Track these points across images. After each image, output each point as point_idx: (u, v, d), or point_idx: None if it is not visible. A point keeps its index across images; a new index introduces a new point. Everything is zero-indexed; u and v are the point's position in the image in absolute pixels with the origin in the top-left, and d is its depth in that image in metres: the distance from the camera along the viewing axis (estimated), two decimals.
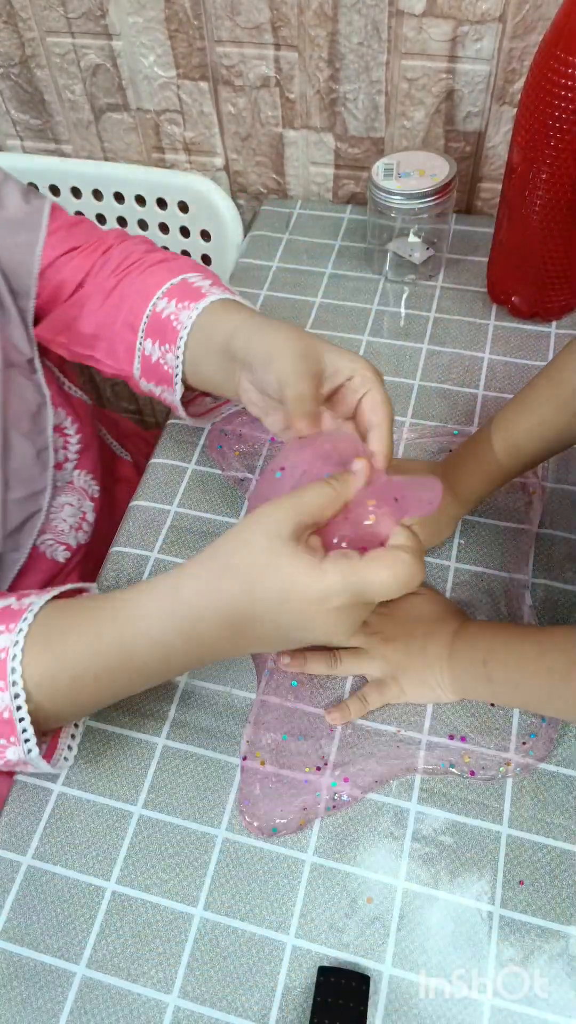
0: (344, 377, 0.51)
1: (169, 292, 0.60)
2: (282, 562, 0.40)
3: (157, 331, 0.60)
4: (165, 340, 0.60)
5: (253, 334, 0.53)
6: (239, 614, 0.41)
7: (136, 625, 0.45)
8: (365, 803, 0.52)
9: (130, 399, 1.28)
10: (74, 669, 0.45)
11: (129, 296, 0.62)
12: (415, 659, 0.55)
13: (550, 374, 0.57)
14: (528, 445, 0.58)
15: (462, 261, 0.84)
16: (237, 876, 0.50)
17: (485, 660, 0.52)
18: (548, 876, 0.49)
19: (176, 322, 0.59)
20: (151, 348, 0.61)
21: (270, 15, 0.79)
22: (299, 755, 0.54)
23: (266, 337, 0.52)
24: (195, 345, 0.58)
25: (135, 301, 0.62)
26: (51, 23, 0.86)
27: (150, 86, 0.89)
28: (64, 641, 0.45)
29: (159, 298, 0.60)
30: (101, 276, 0.64)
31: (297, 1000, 0.46)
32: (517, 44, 0.75)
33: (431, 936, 0.48)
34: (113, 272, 0.64)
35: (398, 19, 0.76)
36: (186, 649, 0.44)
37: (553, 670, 0.48)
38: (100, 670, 0.45)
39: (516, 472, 0.60)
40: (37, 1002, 0.47)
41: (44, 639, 0.45)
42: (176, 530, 0.66)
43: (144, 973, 0.48)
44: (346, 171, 0.91)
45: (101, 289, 0.64)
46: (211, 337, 0.57)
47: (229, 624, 0.42)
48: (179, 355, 0.59)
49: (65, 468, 0.70)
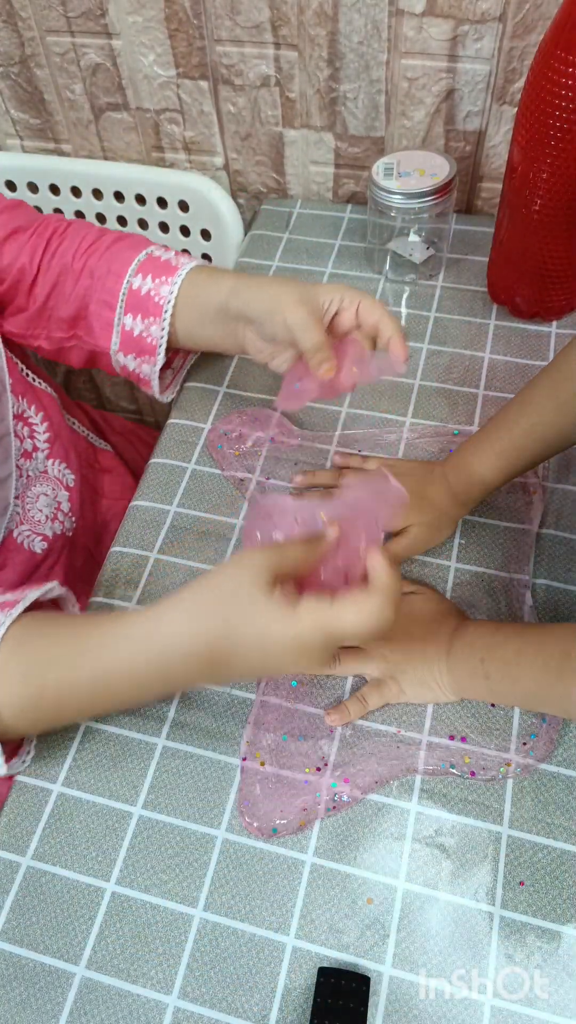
0: (336, 305, 0.58)
1: (141, 268, 0.65)
2: (258, 608, 0.43)
3: (138, 306, 0.65)
4: (148, 314, 0.65)
5: (250, 292, 0.60)
6: (217, 653, 0.44)
7: (113, 663, 0.47)
8: (365, 804, 0.52)
9: (130, 399, 1.28)
10: (45, 697, 0.48)
11: (100, 275, 0.65)
12: (414, 659, 0.55)
13: (550, 374, 0.57)
14: (528, 446, 0.58)
15: (462, 261, 0.84)
16: (237, 877, 0.50)
17: (482, 659, 0.52)
18: (548, 877, 0.49)
19: (158, 297, 0.64)
20: (132, 323, 0.66)
21: (270, 14, 0.79)
22: (299, 756, 0.54)
23: (264, 292, 0.59)
24: (185, 314, 0.65)
25: (107, 280, 0.65)
26: (51, 22, 0.86)
27: (150, 85, 0.89)
28: (42, 673, 0.48)
29: (132, 275, 0.65)
30: (66, 258, 0.66)
31: (297, 1001, 0.46)
32: (517, 44, 0.75)
33: (431, 937, 0.48)
34: (76, 254, 0.66)
35: (398, 18, 0.76)
36: (161, 687, 0.49)
37: (548, 666, 0.49)
38: (73, 699, 0.48)
39: (516, 473, 0.60)
40: (37, 1003, 0.47)
41: (22, 667, 0.48)
42: (176, 530, 0.66)
43: (144, 974, 0.48)
44: (346, 170, 0.91)
45: (70, 271, 0.66)
46: (204, 304, 0.63)
47: (208, 662, 0.45)
48: (164, 327, 0.65)
49: (36, 458, 0.69)
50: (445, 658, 0.55)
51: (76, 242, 0.67)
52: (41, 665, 0.48)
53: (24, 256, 0.66)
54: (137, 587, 0.63)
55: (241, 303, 0.61)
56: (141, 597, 0.62)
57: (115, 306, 0.65)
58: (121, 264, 0.66)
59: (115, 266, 0.66)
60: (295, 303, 0.57)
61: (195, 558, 0.64)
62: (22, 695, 0.48)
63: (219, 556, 0.64)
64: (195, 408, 0.74)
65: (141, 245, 0.67)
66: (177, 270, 0.65)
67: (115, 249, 0.67)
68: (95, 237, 0.68)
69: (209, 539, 0.65)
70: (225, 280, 0.63)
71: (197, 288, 0.64)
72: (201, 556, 0.64)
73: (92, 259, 0.66)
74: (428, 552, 0.63)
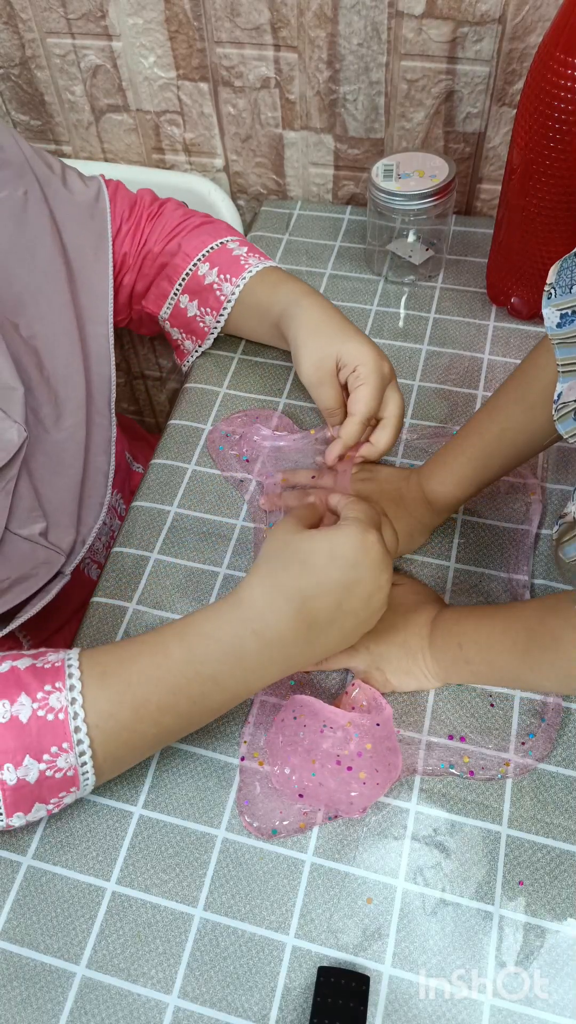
0: (351, 368, 0.61)
1: (211, 257, 0.71)
2: (316, 536, 0.48)
3: (197, 292, 0.72)
4: (205, 303, 0.72)
5: (289, 323, 0.65)
6: (302, 593, 0.46)
7: (204, 630, 0.47)
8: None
9: (131, 399, 1.29)
10: (135, 697, 0.46)
11: (171, 253, 0.72)
12: (397, 649, 0.56)
13: (518, 379, 0.57)
14: (499, 451, 0.58)
15: (462, 262, 0.84)
16: (237, 876, 0.50)
17: (460, 643, 0.53)
18: (548, 876, 0.49)
19: (219, 292, 0.70)
20: (187, 303, 0.73)
21: (270, 16, 0.79)
22: None
23: (296, 332, 0.64)
24: (241, 312, 0.71)
25: (176, 257, 0.71)
26: (51, 24, 0.86)
27: (150, 87, 0.89)
28: (126, 668, 0.47)
29: (201, 260, 0.71)
30: (150, 244, 0.73)
31: (297, 1000, 0.46)
32: (516, 45, 0.75)
33: (431, 936, 0.48)
34: (159, 239, 0.72)
35: (398, 20, 0.76)
36: (259, 648, 0.47)
37: (517, 645, 0.50)
38: (165, 692, 0.46)
39: (489, 479, 0.60)
40: (37, 1002, 0.47)
41: (100, 678, 0.46)
42: (176, 531, 0.66)
43: (144, 973, 0.48)
44: (346, 172, 0.91)
45: (151, 255, 0.73)
46: (261, 314, 0.69)
47: (297, 609, 0.46)
48: (220, 321, 0.72)
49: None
50: (427, 646, 0.55)
51: (161, 226, 0.73)
52: (125, 662, 0.47)
53: (127, 244, 0.72)
54: (137, 587, 0.63)
55: (283, 328, 0.66)
56: (141, 597, 0.63)
57: (175, 281, 0.72)
58: (194, 248, 0.71)
59: (188, 248, 0.71)
60: (310, 366, 0.62)
61: (195, 559, 0.64)
62: (110, 704, 0.46)
63: (219, 556, 0.64)
64: (195, 409, 0.74)
65: (220, 233, 0.72)
66: (244, 270, 0.69)
67: (195, 233, 0.72)
68: (179, 220, 0.73)
69: (209, 540, 0.65)
70: (282, 294, 0.67)
71: (257, 297, 0.69)
72: (201, 556, 0.64)
73: (172, 243, 0.72)
74: (428, 552, 0.63)
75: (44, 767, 0.44)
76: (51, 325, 0.63)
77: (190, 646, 0.47)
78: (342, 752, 0.51)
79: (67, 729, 0.44)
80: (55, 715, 0.44)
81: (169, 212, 0.74)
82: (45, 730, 0.44)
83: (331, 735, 0.52)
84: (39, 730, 0.44)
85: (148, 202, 0.74)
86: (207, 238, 0.71)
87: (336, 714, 0.53)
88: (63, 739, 0.44)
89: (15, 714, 0.44)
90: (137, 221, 0.73)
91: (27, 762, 0.44)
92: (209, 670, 0.47)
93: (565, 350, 0.48)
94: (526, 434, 0.56)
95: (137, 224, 0.73)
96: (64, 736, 0.44)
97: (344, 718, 0.53)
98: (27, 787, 0.44)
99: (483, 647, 0.52)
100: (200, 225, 0.73)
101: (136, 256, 0.73)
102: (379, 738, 0.52)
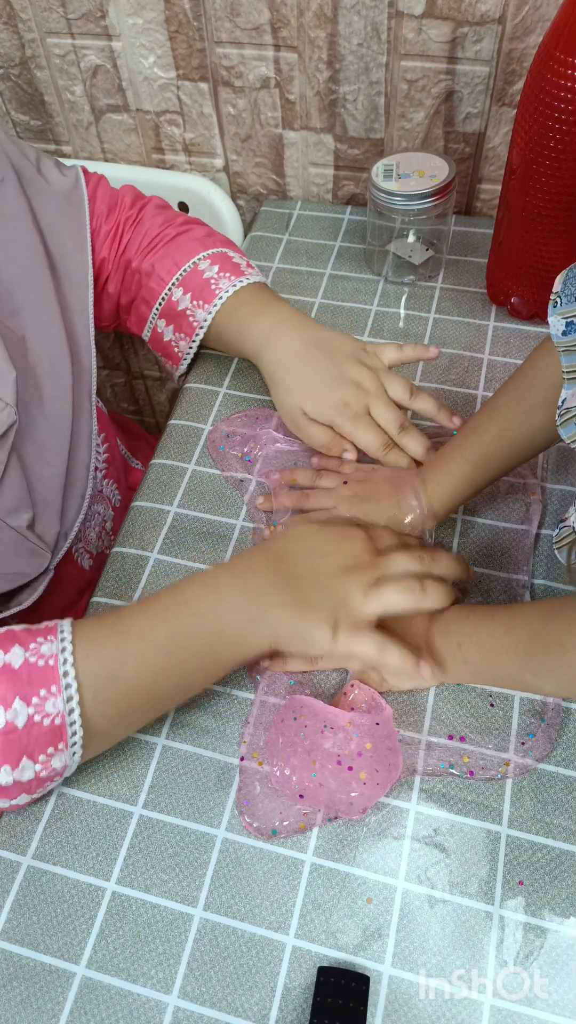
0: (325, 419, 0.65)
1: (183, 282, 0.69)
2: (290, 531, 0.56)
3: (172, 318, 0.71)
4: (180, 329, 0.71)
5: (262, 370, 0.68)
6: (273, 545, 0.55)
7: (185, 580, 0.53)
8: None
9: (130, 399, 1.29)
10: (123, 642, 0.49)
11: (146, 273, 0.71)
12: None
13: (517, 380, 0.57)
14: (499, 451, 0.58)
15: (462, 262, 0.84)
16: (237, 876, 0.50)
17: (459, 643, 0.53)
18: (548, 876, 0.49)
19: (192, 319, 0.70)
20: (163, 328, 0.72)
21: (270, 16, 0.79)
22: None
23: (268, 383, 0.68)
24: (217, 336, 0.70)
25: (151, 281, 0.70)
26: (51, 24, 0.86)
27: (150, 87, 0.89)
28: (115, 622, 0.50)
29: (174, 286, 0.70)
30: (130, 255, 0.72)
31: (297, 1000, 0.46)
32: (516, 45, 0.75)
33: (431, 936, 0.48)
34: (137, 251, 0.71)
35: (398, 20, 0.76)
36: (231, 580, 0.52)
37: (519, 647, 0.50)
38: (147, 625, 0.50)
39: (488, 480, 0.60)
40: (37, 1002, 0.47)
41: (89, 628, 0.50)
42: (176, 530, 0.66)
43: (144, 973, 0.48)
44: (346, 172, 0.91)
45: (130, 270, 0.72)
46: (236, 342, 0.69)
47: (264, 549, 0.55)
48: (193, 347, 0.72)
49: (96, 477, 0.70)
50: (424, 645, 0.55)
51: (140, 236, 0.71)
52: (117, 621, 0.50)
53: (105, 249, 0.72)
54: (137, 587, 0.63)
55: (263, 367, 0.68)
56: (141, 597, 0.63)
57: (152, 306, 0.71)
58: (167, 271, 0.70)
59: (161, 270, 0.70)
60: (288, 420, 0.66)
61: (195, 558, 0.64)
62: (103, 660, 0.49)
63: (219, 557, 0.64)
64: (195, 409, 0.74)
65: (195, 248, 0.70)
66: (215, 296, 0.68)
67: (170, 247, 0.71)
68: (158, 229, 0.71)
69: (209, 540, 0.65)
70: (251, 337, 0.67)
71: (229, 332, 0.69)
72: (201, 556, 0.64)
73: (148, 259, 0.71)
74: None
75: (32, 711, 0.46)
76: (36, 314, 0.62)
77: (172, 589, 0.52)
78: (343, 752, 0.51)
79: (56, 673, 0.46)
80: (45, 661, 0.47)
81: (148, 219, 0.72)
82: (35, 674, 0.46)
83: (332, 735, 0.52)
84: (29, 675, 0.46)
85: (128, 205, 0.73)
86: (181, 257, 0.70)
87: (336, 714, 0.53)
88: (52, 682, 0.46)
89: (8, 661, 0.46)
90: (116, 225, 0.71)
91: (16, 705, 0.45)
92: (188, 597, 0.51)
93: (570, 357, 0.48)
94: (526, 435, 0.56)
95: (116, 229, 0.71)
96: (53, 679, 0.46)
97: (344, 718, 0.53)
98: (15, 732, 0.45)
99: (483, 648, 0.52)
100: (175, 237, 0.71)
101: (116, 263, 0.72)
102: (379, 738, 0.52)
